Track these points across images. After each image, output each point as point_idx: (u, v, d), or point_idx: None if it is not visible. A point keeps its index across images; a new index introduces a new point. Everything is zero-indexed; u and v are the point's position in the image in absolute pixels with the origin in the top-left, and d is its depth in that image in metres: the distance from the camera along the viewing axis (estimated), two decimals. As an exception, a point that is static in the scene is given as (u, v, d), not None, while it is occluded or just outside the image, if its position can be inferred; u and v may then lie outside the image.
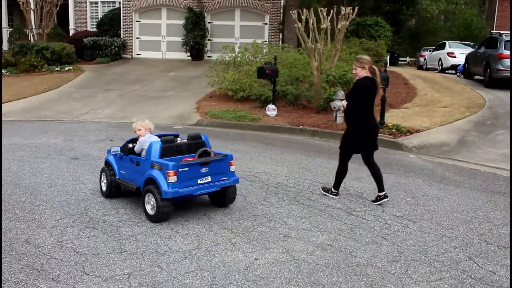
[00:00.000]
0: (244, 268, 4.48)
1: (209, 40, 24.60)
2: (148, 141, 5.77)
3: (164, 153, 5.58)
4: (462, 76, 20.78)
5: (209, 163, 5.57)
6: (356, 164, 8.23)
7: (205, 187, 5.55)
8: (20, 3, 22.21)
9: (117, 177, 6.17)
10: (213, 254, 4.73)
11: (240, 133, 12.02)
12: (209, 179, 5.57)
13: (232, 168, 5.84)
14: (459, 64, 22.35)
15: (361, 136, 6.20)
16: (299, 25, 14.06)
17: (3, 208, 5.94)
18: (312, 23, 13.85)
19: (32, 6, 22.57)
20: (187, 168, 5.37)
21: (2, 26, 27.08)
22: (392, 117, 12.50)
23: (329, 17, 13.88)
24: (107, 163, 6.40)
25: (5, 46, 26.59)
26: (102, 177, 6.36)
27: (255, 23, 24.72)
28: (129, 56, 24.81)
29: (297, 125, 12.34)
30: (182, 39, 24.03)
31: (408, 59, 35.88)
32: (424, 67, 27.84)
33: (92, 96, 16.67)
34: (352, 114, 6.16)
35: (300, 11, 14.11)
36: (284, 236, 5.26)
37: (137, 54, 25.13)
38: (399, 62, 30.20)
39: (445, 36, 38.67)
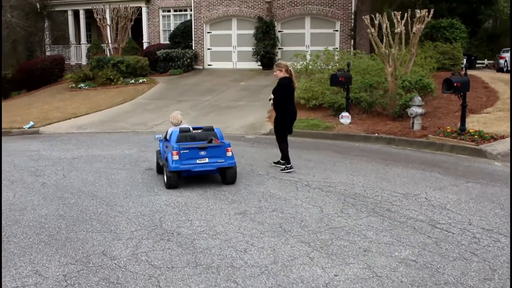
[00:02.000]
0: (324, 284, 4.24)
1: (279, 49, 24.51)
2: (171, 130, 7.60)
3: (180, 139, 7.28)
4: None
5: (206, 148, 7.23)
6: (436, 173, 7.78)
7: (203, 166, 7.24)
8: (97, 19, 23.05)
9: (162, 157, 7.91)
10: (291, 269, 4.52)
11: (314, 142, 11.77)
12: (206, 160, 7.25)
13: (229, 154, 7.35)
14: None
15: (287, 119, 8.43)
16: (372, 30, 13.65)
17: (81, 220, 6.03)
18: (385, 27, 13.40)
19: (108, 22, 23.37)
20: (187, 150, 7.12)
21: (81, 42, 28.27)
22: (473, 122, 11.82)
23: (403, 21, 13.37)
24: (160, 146, 8.20)
25: (83, 61, 27.73)
26: (156, 157, 8.31)
27: (326, 30, 24.39)
28: (201, 67, 25.15)
29: (372, 133, 11.93)
30: (253, 49, 24.08)
31: (486, 61, 34.20)
32: (505, 69, 26.39)
33: (165, 107, 16.95)
34: (279, 104, 8.37)
35: (373, 15, 13.68)
36: (365, 251, 4.97)
37: (209, 65, 25.43)
38: (477, 65, 28.82)
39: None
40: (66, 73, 25.18)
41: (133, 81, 21.47)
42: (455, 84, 10.06)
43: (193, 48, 25.21)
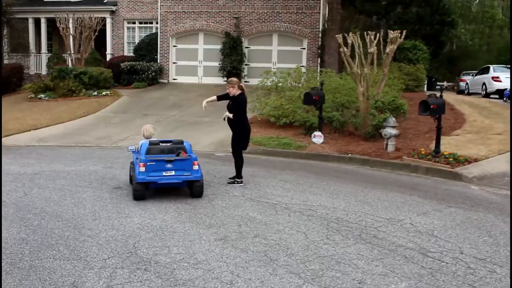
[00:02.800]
0: (321, 323, 3.87)
1: (246, 65, 24.29)
2: (142, 142, 7.74)
3: (149, 152, 7.32)
4: (510, 101, 19.87)
5: (172, 161, 7.30)
6: (416, 197, 7.62)
7: (169, 178, 7.33)
8: (60, 28, 22.30)
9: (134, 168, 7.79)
10: (284, 305, 4.14)
11: (286, 161, 11.48)
12: (173, 173, 7.33)
13: (196, 167, 7.45)
14: (505, 89, 21.45)
15: (246, 135, 8.69)
16: (345, 49, 13.56)
17: (46, 245, 5.51)
18: (357, 47, 13.33)
19: (72, 32, 22.63)
20: (154, 163, 7.21)
21: (42, 51, 27.34)
22: (444, 145, 11.74)
23: (375, 41, 13.34)
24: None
25: (43, 70, 26.80)
26: (130, 169, 8.31)
27: (293, 48, 24.34)
28: (166, 81, 24.65)
29: (345, 153, 11.74)
30: (219, 64, 23.78)
31: (445, 83, 34.99)
32: (465, 91, 26.97)
33: (130, 121, 16.40)
34: (239, 121, 8.54)
35: (346, 35, 13.59)
36: (359, 283, 4.66)
37: (174, 79, 24.97)
38: (437, 87, 29.38)
39: (485, 59, 37.75)
40: (25, 82, 24.24)
41: (96, 93, 20.81)
42: (431, 106, 9.99)
43: (159, 61, 24.72)
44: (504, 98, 20.87)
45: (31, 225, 6.17)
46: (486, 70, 24.58)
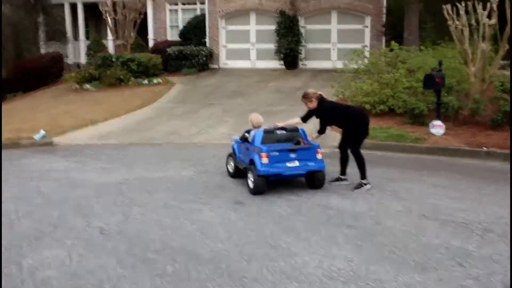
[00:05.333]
0: None
1: (302, 46, 22.11)
2: (254, 131, 6.97)
3: (265, 141, 6.70)
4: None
5: (296, 150, 6.65)
6: None
7: (293, 169, 6.63)
8: (103, 11, 20.38)
9: (237, 160, 7.43)
10: None
11: (410, 158, 9.47)
12: (297, 163, 6.64)
13: (319, 156, 6.78)
14: None
15: (360, 126, 7.19)
16: (456, 22, 11.38)
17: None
18: (471, 19, 11.20)
19: (114, 15, 20.68)
20: (277, 153, 6.53)
21: (79, 38, 25.57)
22: None
23: (486, 12, 11.21)
24: (233, 149, 7.67)
25: (83, 59, 25.04)
26: (229, 160, 7.77)
27: (354, 26, 22.12)
28: (216, 66, 22.66)
29: (478, 147, 9.61)
30: (275, 46, 21.68)
31: None
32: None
33: (194, 112, 14.47)
34: (343, 125, 7.29)
35: (458, 4, 11.41)
36: None
37: (224, 64, 22.96)
38: None
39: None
40: (64, 72, 22.41)
41: (146, 81, 18.92)
42: None
43: (207, 45, 22.69)
44: None
45: (165, 274, 4.22)
46: None
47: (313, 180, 6.85)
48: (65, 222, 5.67)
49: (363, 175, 7.01)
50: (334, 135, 9.31)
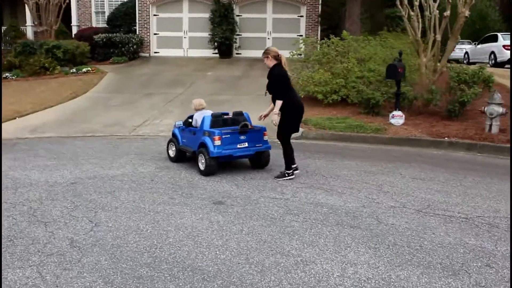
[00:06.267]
0: None
1: (237, 35, 21.51)
2: (202, 115, 7.20)
3: (213, 125, 7.03)
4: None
5: (246, 133, 6.96)
6: None
7: (243, 150, 6.96)
8: (22, -5, 18.69)
9: (180, 145, 7.61)
10: None
11: (371, 148, 9.22)
12: (246, 144, 6.97)
13: (265, 138, 7.13)
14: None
15: (297, 114, 6.78)
16: (412, 13, 11.28)
17: None
18: (427, 10, 11.14)
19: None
20: (229, 135, 6.85)
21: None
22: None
23: (436, 4, 11.23)
24: (173, 134, 7.87)
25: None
26: (170, 146, 7.90)
27: (290, 16, 21.85)
28: (147, 55, 21.58)
29: (439, 137, 9.50)
30: (209, 35, 20.95)
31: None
32: (464, 61, 25.36)
33: (134, 102, 13.50)
34: (282, 99, 6.57)
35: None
36: None
37: (155, 52, 21.92)
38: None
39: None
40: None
41: (74, 70, 17.57)
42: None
43: (137, 32, 21.52)
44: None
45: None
46: (492, 39, 22.96)
47: (259, 160, 7.23)
48: (22, 233, 4.75)
49: (288, 167, 6.75)
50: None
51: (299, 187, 6.35)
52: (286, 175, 6.72)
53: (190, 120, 7.59)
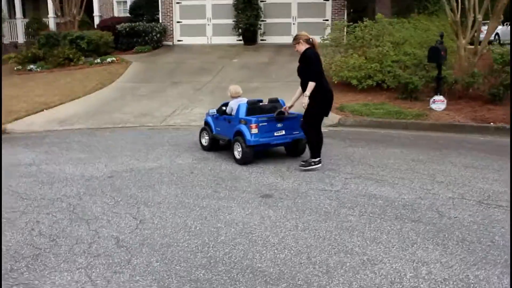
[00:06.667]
0: None
1: (262, 21, 21.07)
2: (237, 103, 7.02)
3: (249, 112, 6.82)
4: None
5: (283, 120, 6.78)
6: None
7: (280, 138, 6.82)
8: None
9: (213, 133, 7.45)
10: None
11: (414, 135, 8.83)
12: (283, 132, 6.82)
13: None
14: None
15: (327, 98, 6.39)
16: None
17: None
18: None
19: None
20: (266, 123, 6.69)
21: (16, 17, 23.39)
22: None
23: None
24: (206, 123, 7.70)
25: (20, 38, 22.94)
26: (203, 134, 7.72)
27: (315, 0, 21.24)
28: (170, 43, 21.27)
29: (484, 122, 9.05)
30: (233, 21, 20.53)
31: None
32: (495, 42, 24.60)
33: (161, 91, 13.24)
34: (315, 84, 6.23)
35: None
36: None
37: (179, 40, 21.58)
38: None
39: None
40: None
41: (98, 60, 17.34)
42: None
43: (161, 21, 21.22)
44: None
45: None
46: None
47: (296, 148, 7.07)
48: (64, 232, 4.51)
49: (313, 155, 6.41)
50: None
51: (347, 178, 6.02)
52: (313, 163, 6.38)
53: (224, 108, 7.40)
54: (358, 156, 7.14)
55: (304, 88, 6.32)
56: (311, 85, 6.17)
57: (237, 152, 6.81)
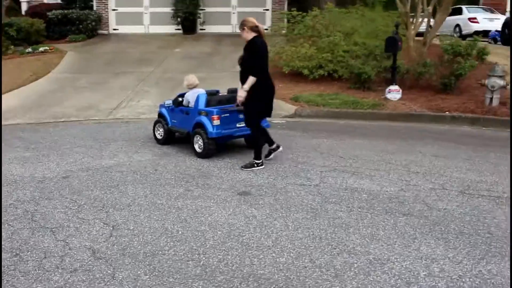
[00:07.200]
0: None
1: (201, 9, 20.55)
2: (195, 94, 6.71)
3: (208, 103, 6.58)
4: (500, 43, 18.54)
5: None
6: None
7: (243, 130, 6.42)
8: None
9: (169, 125, 7.12)
10: None
11: (375, 126, 8.77)
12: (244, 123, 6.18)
13: None
14: (490, 30, 20.16)
15: (268, 95, 5.97)
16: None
17: None
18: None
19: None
20: (228, 114, 6.40)
21: None
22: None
23: None
24: (160, 115, 7.36)
25: None
26: (157, 127, 7.35)
27: (255, -11, 20.97)
28: (106, 32, 20.33)
29: (440, 111, 9.14)
30: (172, 10, 19.90)
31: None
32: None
33: (103, 83, 12.54)
34: (257, 75, 5.76)
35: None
36: None
37: (114, 29, 20.67)
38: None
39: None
40: None
41: (30, 49, 16.23)
42: None
43: (95, 8, 20.22)
44: (489, 40, 19.38)
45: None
46: (457, 11, 22.81)
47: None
48: (27, 244, 3.98)
49: (258, 156, 5.96)
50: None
51: (322, 171, 5.79)
52: (255, 165, 5.92)
53: (180, 99, 7.02)
54: (325, 148, 6.93)
55: (243, 81, 5.76)
56: (251, 79, 5.63)
57: (198, 145, 6.50)
